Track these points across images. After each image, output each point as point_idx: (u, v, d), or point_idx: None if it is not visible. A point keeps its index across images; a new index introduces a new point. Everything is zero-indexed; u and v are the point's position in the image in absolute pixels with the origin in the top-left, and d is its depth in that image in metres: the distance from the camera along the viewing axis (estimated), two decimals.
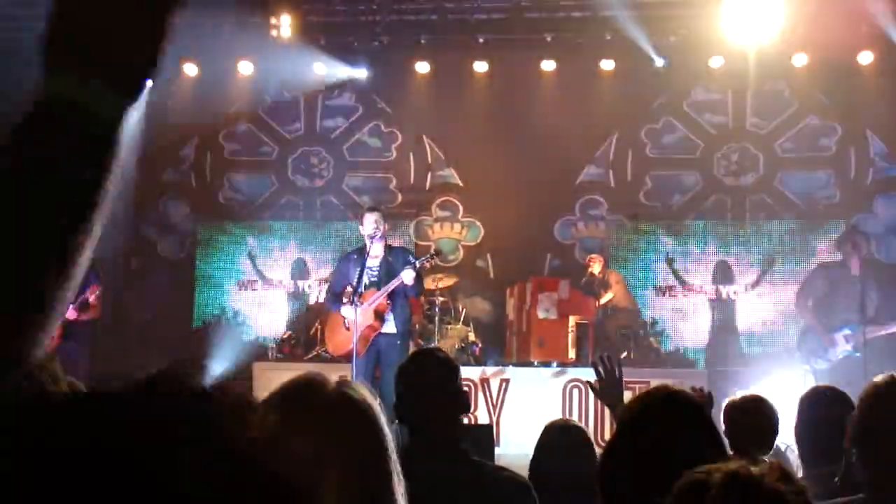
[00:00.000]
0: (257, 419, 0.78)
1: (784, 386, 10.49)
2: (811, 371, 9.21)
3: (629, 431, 2.43)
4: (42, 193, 0.92)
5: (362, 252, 8.59)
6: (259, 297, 13.61)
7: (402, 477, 1.87)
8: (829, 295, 9.17)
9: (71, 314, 9.07)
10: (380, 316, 8.43)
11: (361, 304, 8.37)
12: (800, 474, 3.67)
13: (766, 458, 3.81)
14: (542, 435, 4.10)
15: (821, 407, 3.98)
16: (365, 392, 1.91)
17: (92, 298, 9.21)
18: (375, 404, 1.90)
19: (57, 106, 0.95)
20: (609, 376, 3.80)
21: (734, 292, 12.86)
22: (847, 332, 8.84)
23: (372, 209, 8.89)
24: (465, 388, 3.65)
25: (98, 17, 0.97)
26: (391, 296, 8.45)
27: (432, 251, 9.26)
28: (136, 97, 1.00)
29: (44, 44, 0.99)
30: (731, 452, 3.89)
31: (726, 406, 4.30)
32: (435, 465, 3.08)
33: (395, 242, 9.52)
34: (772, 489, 1.55)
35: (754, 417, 4.20)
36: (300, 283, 13.54)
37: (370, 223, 8.52)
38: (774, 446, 4.31)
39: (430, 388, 3.25)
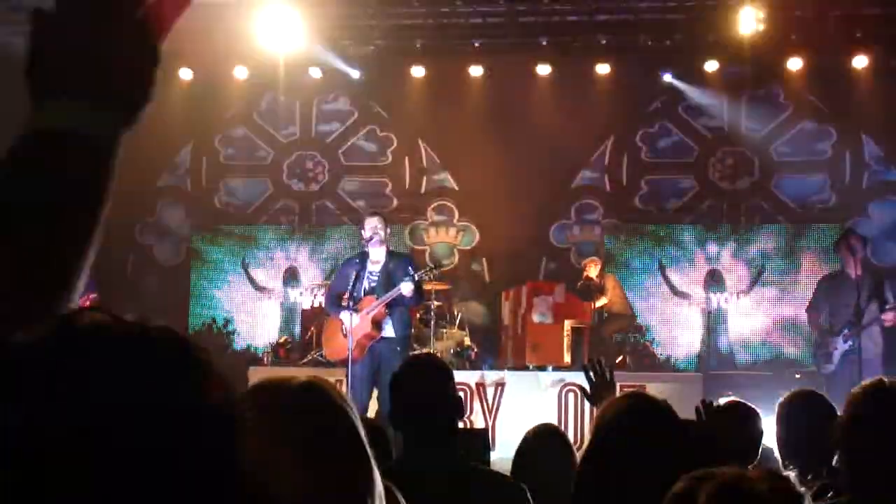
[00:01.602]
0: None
1: (778, 391, 10.52)
2: (821, 376, 9.31)
3: (602, 438, 2.44)
4: (45, 212, 0.95)
5: (364, 257, 8.58)
6: (254, 301, 13.60)
7: (377, 473, 1.85)
8: (832, 303, 9.33)
9: None
10: (377, 325, 8.41)
11: (359, 310, 8.35)
12: None
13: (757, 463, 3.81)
14: (521, 442, 4.09)
15: (800, 411, 3.98)
16: (332, 387, 1.90)
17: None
18: (341, 397, 1.88)
19: (52, 131, 0.98)
20: (600, 380, 3.79)
21: (728, 297, 12.86)
22: (846, 331, 8.94)
23: (373, 214, 8.90)
24: (460, 393, 3.65)
25: (89, 42, 0.98)
26: (389, 304, 8.43)
27: (433, 265, 9.22)
28: (133, 121, 1.03)
29: (35, 69, 1.00)
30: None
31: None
32: (431, 471, 3.08)
33: (393, 247, 9.48)
34: (762, 498, 1.53)
35: (737, 423, 4.20)
36: (295, 287, 13.53)
37: (368, 227, 8.53)
38: (762, 451, 4.31)
39: (424, 394, 3.24)
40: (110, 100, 1.01)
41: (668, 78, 12.95)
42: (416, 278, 8.35)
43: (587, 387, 3.86)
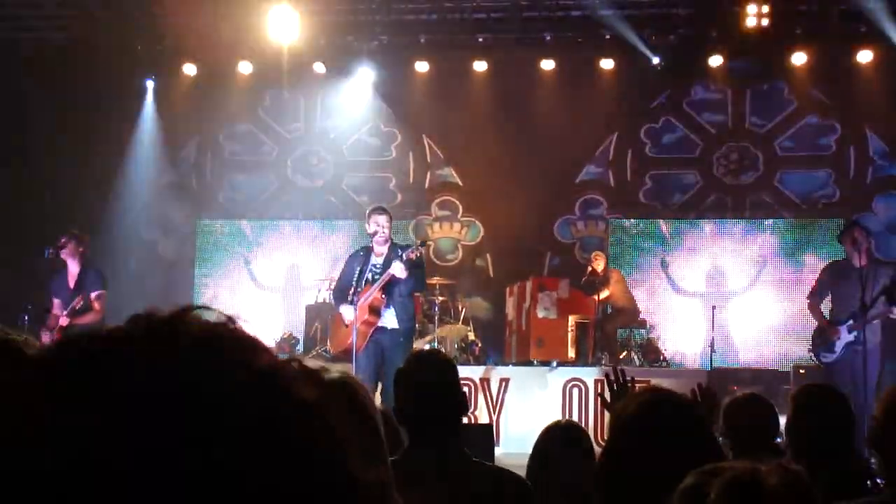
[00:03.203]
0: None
1: (782, 387, 10.52)
2: (821, 365, 9.29)
3: (622, 434, 2.45)
4: None
5: (369, 250, 8.62)
6: (259, 297, 13.61)
7: (392, 470, 1.87)
8: (836, 292, 9.30)
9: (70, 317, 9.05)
10: (375, 311, 8.42)
11: (359, 300, 8.39)
12: None
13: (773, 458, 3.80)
14: (541, 436, 4.08)
15: (812, 405, 3.97)
16: (358, 383, 1.91)
17: (97, 304, 9.19)
18: (368, 393, 1.90)
19: None
20: (622, 390, 3.76)
21: (733, 292, 12.85)
22: (850, 322, 8.92)
23: (378, 210, 8.90)
24: (465, 389, 3.65)
25: None
26: (388, 292, 8.44)
27: (419, 242, 9.17)
28: None
29: None
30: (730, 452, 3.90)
31: (725, 406, 4.29)
32: (435, 467, 3.09)
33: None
34: (773, 492, 1.54)
35: (753, 416, 4.19)
36: (300, 282, 13.53)
37: (371, 224, 8.57)
38: (779, 444, 4.30)
39: (429, 390, 3.25)
40: None
41: (671, 73, 12.94)
42: (404, 257, 8.34)
43: (607, 396, 3.85)
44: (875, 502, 2.70)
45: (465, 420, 5.06)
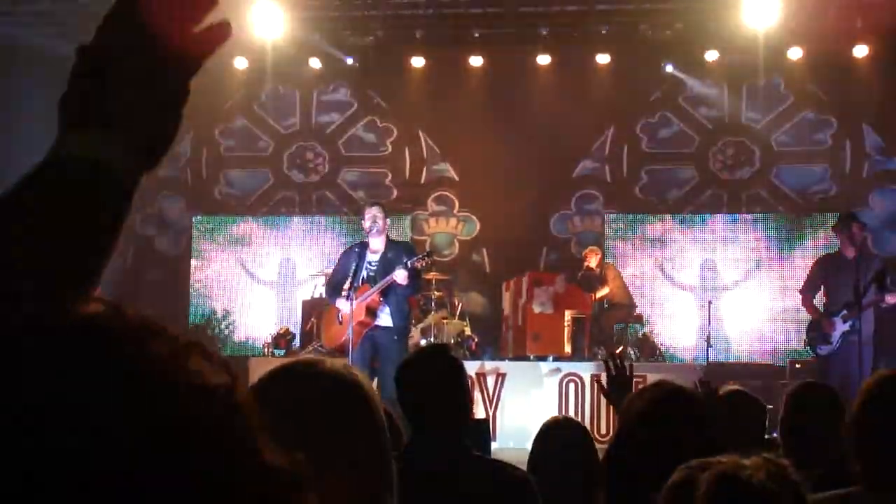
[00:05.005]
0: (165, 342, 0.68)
1: (778, 381, 10.53)
2: (818, 357, 9.29)
3: (632, 427, 2.44)
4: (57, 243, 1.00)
5: (364, 246, 8.63)
6: (255, 292, 13.61)
7: (394, 463, 1.85)
8: (828, 284, 9.31)
9: None
10: (372, 312, 8.43)
11: (356, 298, 8.39)
12: None
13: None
14: (539, 432, 4.08)
15: (807, 403, 3.97)
16: (362, 376, 1.88)
17: None
18: (372, 388, 1.87)
19: (76, 162, 1.02)
20: (619, 375, 3.74)
21: (729, 287, 12.86)
22: (844, 312, 8.93)
23: (372, 203, 8.92)
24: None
25: (126, 83, 1.04)
26: (385, 293, 8.44)
27: (425, 252, 9.19)
28: (155, 165, 1.08)
29: (70, 99, 1.06)
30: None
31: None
32: (437, 461, 3.09)
33: (394, 237, 9.49)
34: (760, 486, 1.54)
35: (736, 411, 4.19)
36: (296, 278, 13.53)
37: (367, 218, 8.58)
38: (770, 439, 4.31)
39: (434, 385, 3.25)
40: (140, 141, 1.06)
41: (668, 68, 12.95)
42: (409, 265, 8.35)
43: (604, 381, 3.84)
44: (842, 495, 2.70)
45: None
